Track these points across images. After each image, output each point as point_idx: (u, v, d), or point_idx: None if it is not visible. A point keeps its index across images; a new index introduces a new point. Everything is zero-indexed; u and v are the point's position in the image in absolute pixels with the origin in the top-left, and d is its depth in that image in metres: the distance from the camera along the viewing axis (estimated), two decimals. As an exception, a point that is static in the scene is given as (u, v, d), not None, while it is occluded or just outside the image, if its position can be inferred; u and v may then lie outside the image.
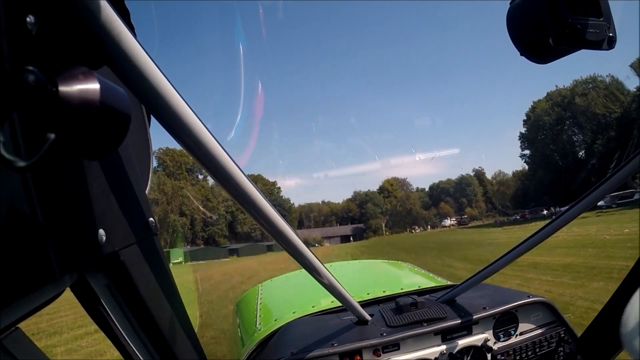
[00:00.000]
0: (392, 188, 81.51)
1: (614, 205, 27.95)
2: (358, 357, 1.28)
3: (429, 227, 74.43)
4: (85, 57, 0.45)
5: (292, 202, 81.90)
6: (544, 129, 48.12)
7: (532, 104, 52.07)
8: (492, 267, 1.33)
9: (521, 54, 0.69)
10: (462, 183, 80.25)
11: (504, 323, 1.46)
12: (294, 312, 1.70)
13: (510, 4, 0.69)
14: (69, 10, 0.41)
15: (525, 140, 53.11)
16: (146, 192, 0.73)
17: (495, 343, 1.43)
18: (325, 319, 1.50)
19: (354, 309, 1.32)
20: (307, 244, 0.93)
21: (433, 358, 1.33)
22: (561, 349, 1.49)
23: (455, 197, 79.94)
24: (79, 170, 0.48)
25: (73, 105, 0.32)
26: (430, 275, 2.38)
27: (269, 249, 55.89)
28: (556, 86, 48.76)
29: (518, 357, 1.45)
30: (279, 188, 78.43)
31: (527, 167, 55.11)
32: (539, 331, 1.50)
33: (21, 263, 0.37)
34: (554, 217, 1.19)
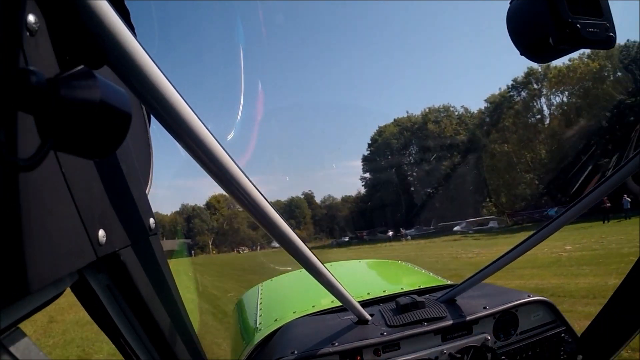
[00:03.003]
0: (218, 205, 74.63)
1: (470, 232, 28.74)
2: (358, 357, 1.28)
3: (258, 247, 66.81)
4: (85, 57, 0.45)
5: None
6: (390, 153, 49.00)
7: (379, 127, 52.59)
8: (492, 267, 1.33)
9: (521, 54, 0.69)
10: (291, 205, 75.69)
11: (504, 322, 1.46)
12: (294, 312, 1.70)
13: (510, 3, 0.69)
14: (69, 10, 0.41)
15: (368, 162, 52.82)
16: (146, 192, 0.73)
17: (495, 342, 1.43)
18: (325, 319, 1.50)
19: (354, 308, 1.32)
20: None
21: (433, 358, 1.33)
22: (561, 348, 1.49)
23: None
24: (79, 170, 0.48)
25: (73, 105, 0.32)
26: (431, 275, 2.38)
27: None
28: (407, 112, 50.93)
29: (518, 357, 1.45)
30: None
31: (363, 191, 54.24)
32: (539, 331, 1.50)
33: (21, 263, 0.37)
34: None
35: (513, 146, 35.97)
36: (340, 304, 1.31)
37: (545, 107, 38.57)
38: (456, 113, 46.56)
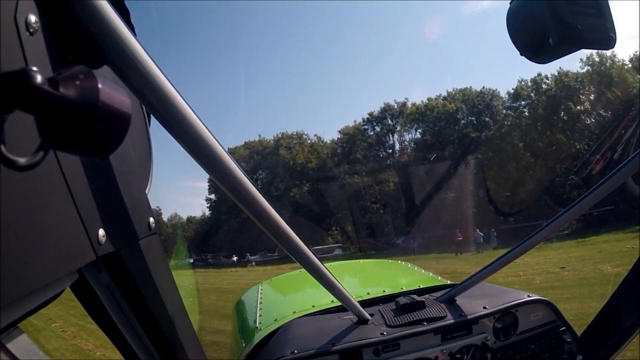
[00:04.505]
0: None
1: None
2: (358, 357, 1.28)
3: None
4: (85, 57, 0.45)
5: None
6: None
7: (228, 148, 50.54)
8: (492, 267, 1.33)
9: (521, 54, 0.69)
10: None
11: (504, 322, 1.46)
12: (294, 312, 1.70)
13: (510, 3, 0.69)
14: (69, 10, 0.41)
15: (214, 183, 49.26)
16: (146, 192, 0.73)
17: (495, 342, 1.43)
18: (325, 319, 1.50)
19: (354, 308, 1.33)
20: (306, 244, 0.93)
21: (433, 357, 1.34)
22: (561, 348, 1.49)
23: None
24: (79, 170, 0.48)
25: (73, 105, 0.32)
26: (431, 275, 2.38)
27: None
28: (259, 135, 49.85)
29: (518, 357, 1.45)
30: None
31: (208, 212, 51.03)
32: (539, 331, 1.50)
33: (21, 262, 0.37)
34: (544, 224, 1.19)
35: (362, 178, 38.04)
36: (340, 303, 1.31)
37: (397, 143, 41.73)
38: (309, 141, 46.51)
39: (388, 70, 64.95)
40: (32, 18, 0.39)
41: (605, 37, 0.67)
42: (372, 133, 42.18)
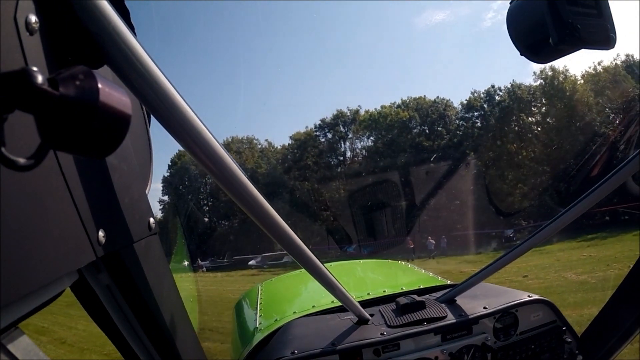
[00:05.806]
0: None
1: (265, 266, 27.51)
2: (358, 358, 1.28)
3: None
4: (85, 57, 0.45)
5: None
6: (188, 179, 46.10)
7: (179, 151, 46.78)
8: (492, 267, 1.33)
9: (521, 54, 0.69)
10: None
11: (504, 322, 1.46)
12: (294, 312, 1.70)
13: (510, 3, 0.69)
14: (69, 10, 0.41)
15: (168, 185, 48.21)
16: (146, 192, 0.73)
17: (495, 343, 1.43)
18: (325, 319, 1.50)
19: (355, 308, 1.33)
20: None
21: (433, 357, 1.33)
22: (561, 348, 1.49)
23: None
24: (79, 170, 0.48)
25: (73, 105, 0.32)
26: (431, 275, 2.38)
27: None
28: None
29: (518, 357, 1.44)
30: None
31: (160, 215, 46.88)
32: (539, 331, 1.49)
33: (21, 262, 0.37)
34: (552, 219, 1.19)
35: (313, 184, 37.77)
36: (341, 304, 1.31)
37: (349, 150, 41.13)
38: (259, 146, 45.85)
39: (341, 78, 63.94)
40: (32, 18, 0.39)
41: (605, 37, 0.67)
42: (323, 140, 41.81)
